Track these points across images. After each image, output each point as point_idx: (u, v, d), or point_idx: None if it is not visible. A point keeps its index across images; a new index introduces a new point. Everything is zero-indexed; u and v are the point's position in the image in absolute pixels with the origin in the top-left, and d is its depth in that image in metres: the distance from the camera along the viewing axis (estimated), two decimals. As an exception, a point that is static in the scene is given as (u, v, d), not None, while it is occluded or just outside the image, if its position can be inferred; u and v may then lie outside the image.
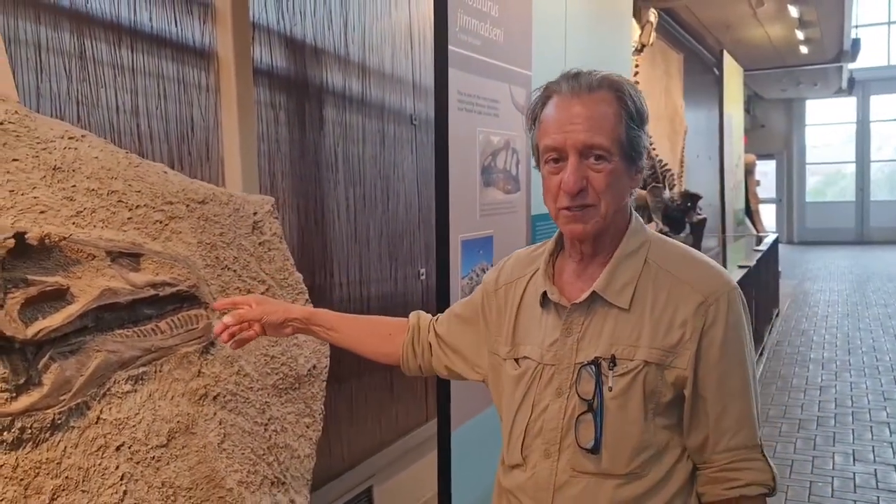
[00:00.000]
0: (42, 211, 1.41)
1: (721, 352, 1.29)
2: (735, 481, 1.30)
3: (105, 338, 1.45)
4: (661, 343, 1.29)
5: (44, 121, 1.50)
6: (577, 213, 1.29)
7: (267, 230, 1.89)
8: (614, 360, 1.29)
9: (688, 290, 1.30)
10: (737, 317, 1.31)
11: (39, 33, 1.84)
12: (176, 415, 1.55)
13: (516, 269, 1.50)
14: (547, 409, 1.34)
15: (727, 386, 1.29)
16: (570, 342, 1.33)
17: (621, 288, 1.32)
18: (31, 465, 1.29)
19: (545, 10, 2.95)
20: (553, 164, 1.31)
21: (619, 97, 1.30)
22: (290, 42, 2.71)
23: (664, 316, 1.30)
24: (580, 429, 1.30)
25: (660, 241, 1.38)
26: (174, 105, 2.22)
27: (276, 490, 1.75)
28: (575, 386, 1.31)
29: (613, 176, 1.29)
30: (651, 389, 1.29)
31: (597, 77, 1.31)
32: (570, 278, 1.38)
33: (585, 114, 1.28)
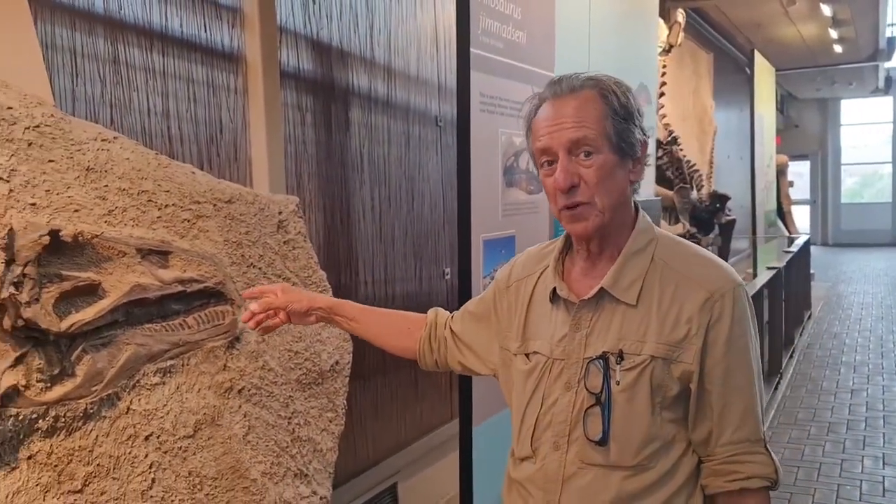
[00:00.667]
0: (76, 210, 1.47)
1: (726, 347, 1.31)
2: (737, 474, 1.32)
3: (135, 331, 1.51)
4: (668, 338, 1.31)
5: (78, 123, 1.56)
6: (576, 212, 1.32)
7: (291, 229, 1.95)
8: (622, 355, 1.32)
9: (694, 286, 1.33)
10: (741, 313, 1.33)
11: (75, 39, 1.91)
12: (202, 407, 1.61)
13: (527, 266, 1.53)
14: (556, 403, 1.37)
15: (731, 380, 1.32)
16: (578, 337, 1.36)
17: (629, 284, 1.35)
18: (65, 452, 1.35)
19: (569, 11, 2.97)
20: (548, 166, 1.34)
21: (602, 94, 1.33)
22: (316, 45, 2.76)
23: (671, 312, 1.32)
24: (588, 422, 1.33)
25: (667, 240, 1.41)
26: (203, 108, 2.29)
27: (299, 482, 1.80)
28: (584, 380, 1.34)
29: (604, 170, 1.31)
30: (658, 383, 1.32)
31: (579, 79, 1.35)
32: (578, 275, 1.41)
33: (569, 112, 1.31)
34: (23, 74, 1.54)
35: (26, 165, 1.41)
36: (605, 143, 1.31)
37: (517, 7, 2.56)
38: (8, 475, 1.27)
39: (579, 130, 1.30)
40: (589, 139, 1.30)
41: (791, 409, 5.28)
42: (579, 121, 1.30)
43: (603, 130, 1.31)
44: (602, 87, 1.33)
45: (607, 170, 1.31)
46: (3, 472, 1.26)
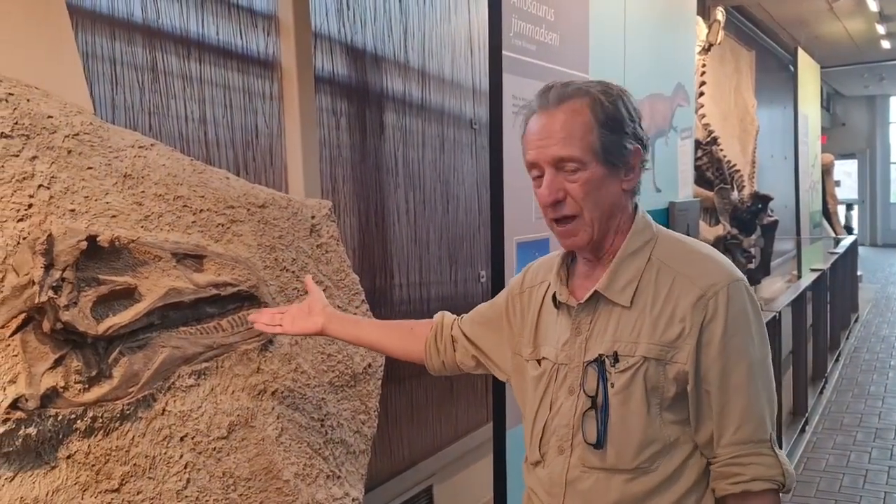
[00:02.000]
0: (113, 215, 1.50)
1: (721, 345, 1.29)
2: (739, 476, 1.29)
3: (170, 334, 1.54)
4: (661, 339, 1.30)
5: (116, 131, 1.60)
6: (567, 227, 1.32)
7: (324, 233, 1.97)
8: (616, 357, 1.31)
9: (688, 284, 1.31)
10: (738, 310, 1.30)
11: (114, 48, 1.96)
12: (236, 409, 1.63)
13: (539, 273, 1.53)
14: (561, 408, 1.38)
15: (729, 380, 1.29)
16: (579, 341, 1.37)
17: (623, 286, 1.34)
18: (102, 451, 1.38)
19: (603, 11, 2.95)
20: (536, 179, 1.34)
21: (590, 106, 1.30)
22: (350, 50, 2.79)
23: (664, 311, 1.31)
24: (586, 425, 1.33)
25: (667, 238, 1.40)
26: (240, 114, 2.32)
27: (331, 483, 1.82)
28: (583, 384, 1.34)
29: (591, 184, 1.30)
30: (652, 385, 1.31)
31: (568, 89, 1.33)
32: (579, 280, 1.42)
33: (553, 127, 1.29)
34: (63, 84, 1.59)
35: (66, 172, 1.45)
36: (592, 158, 1.30)
37: (550, 9, 2.56)
38: (48, 474, 1.30)
39: (564, 148, 1.28)
40: (575, 157, 1.29)
41: (836, 415, 5.15)
42: (565, 137, 1.29)
43: (589, 146, 1.29)
44: (590, 97, 1.31)
45: (594, 184, 1.30)
46: (44, 470, 1.30)
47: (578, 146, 1.28)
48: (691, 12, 4.04)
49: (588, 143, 1.29)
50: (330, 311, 1.65)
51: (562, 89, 1.33)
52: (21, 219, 1.35)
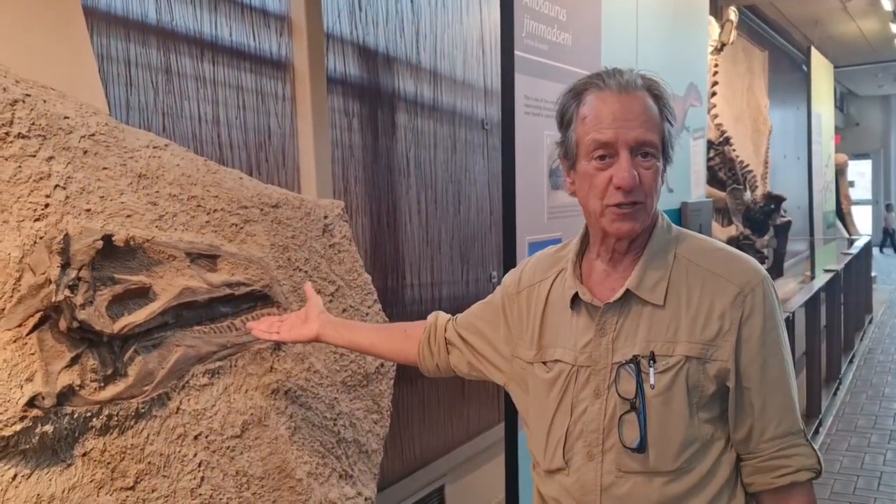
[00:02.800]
0: (128, 215, 1.52)
1: (760, 341, 1.29)
2: (785, 468, 1.30)
3: (184, 333, 1.55)
4: (700, 337, 1.28)
5: (131, 132, 1.61)
6: (629, 211, 1.28)
7: (337, 233, 1.97)
8: (654, 358, 1.28)
9: (722, 282, 1.30)
10: (772, 306, 1.31)
11: (129, 50, 1.97)
12: (249, 407, 1.64)
13: (538, 272, 1.49)
14: (586, 412, 1.33)
15: (769, 375, 1.30)
16: (605, 342, 1.33)
17: (654, 284, 1.32)
18: (117, 449, 1.39)
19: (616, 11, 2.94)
20: (599, 160, 1.29)
21: (659, 96, 1.31)
22: (362, 51, 2.79)
23: (701, 309, 1.29)
24: (624, 428, 1.29)
25: (687, 236, 1.39)
26: (252, 114, 2.33)
27: (344, 483, 1.82)
28: (614, 386, 1.30)
29: (658, 173, 1.30)
30: (693, 384, 1.29)
31: (639, 75, 1.31)
32: (599, 278, 1.37)
33: (637, 110, 1.27)
34: (79, 85, 1.60)
35: (82, 172, 1.46)
36: (661, 149, 1.30)
37: (562, 9, 2.56)
38: (64, 471, 1.32)
39: (648, 133, 1.27)
40: (654, 143, 1.28)
41: (850, 417, 5.12)
42: (647, 121, 1.28)
43: (662, 134, 1.30)
44: (659, 90, 1.32)
45: (659, 173, 1.31)
46: (60, 468, 1.31)
47: (657, 133, 1.29)
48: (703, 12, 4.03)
49: (661, 130, 1.30)
50: (325, 317, 1.63)
51: (633, 75, 1.31)
52: (38, 218, 1.37)
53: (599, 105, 1.29)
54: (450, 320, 1.63)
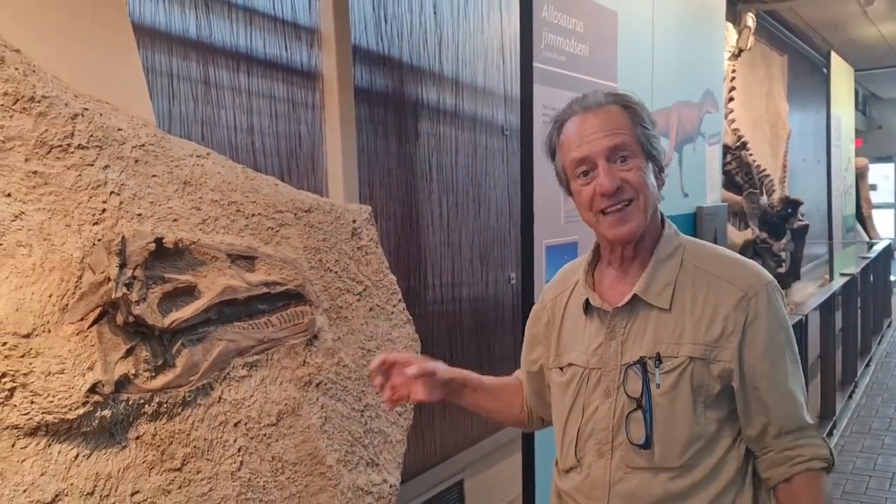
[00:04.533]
0: (175, 219, 1.65)
1: (766, 343, 1.35)
2: (799, 457, 1.36)
3: (226, 329, 1.68)
4: (704, 338, 1.35)
5: (176, 142, 1.74)
6: (620, 215, 1.36)
7: (364, 236, 2.09)
8: (659, 359, 1.35)
9: (726, 286, 1.37)
10: (776, 308, 1.37)
11: (171, 64, 2.10)
12: (284, 398, 1.77)
13: (557, 285, 1.58)
14: (597, 411, 1.40)
15: (777, 375, 1.36)
16: (614, 345, 1.40)
17: (661, 289, 1.38)
18: (167, 434, 1.52)
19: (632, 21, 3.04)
20: (583, 177, 1.38)
21: (626, 106, 1.40)
22: (388, 61, 2.91)
23: (705, 312, 1.36)
24: (631, 426, 1.36)
25: (694, 244, 1.46)
26: (284, 123, 2.46)
27: (370, 470, 1.94)
28: (623, 386, 1.37)
29: (643, 171, 1.37)
30: (698, 383, 1.35)
31: (603, 94, 1.43)
32: (610, 284, 1.45)
33: (601, 122, 1.37)
34: (130, 98, 1.73)
35: (134, 180, 1.59)
36: (639, 149, 1.38)
37: (579, 21, 2.66)
38: (119, 452, 1.45)
39: (616, 137, 1.36)
40: (626, 144, 1.36)
41: (865, 419, 5.17)
42: (613, 128, 1.36)
43: (636, 137, 1.38)
44: (626, 100, 1.41)
45: (646, 171, 1.38)
46: (116, 449, 1.44)
47: (628, 135, 1.37)
48: (719, 19, 4.11)
49: (634, 135, 1.38)
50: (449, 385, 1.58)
51: (598, 95, 1.42)
52: (96, 222, 1.50)
53: (570, 129, 1.40)
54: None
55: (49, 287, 1.39)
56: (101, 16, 1.70)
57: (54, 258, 1.41)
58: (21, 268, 1.37)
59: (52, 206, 1.45)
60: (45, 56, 1.55)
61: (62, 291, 1.40)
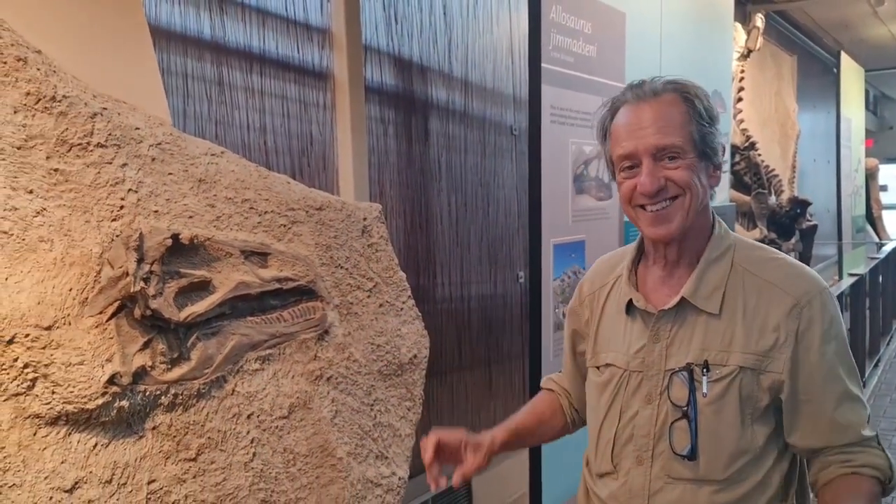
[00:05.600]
0: (190, 216, 1.69)
1: (821, 353, 1.28)
2: (851, 462, 1.29)
3: (239, 323, 1.72)
4: (755, 348, 1.28)
5: (191, 140, 1.78)
6: (661, 213, 1.29)
7: (375, 234, 2.13)
8: (707, 366, 1.28)
9: (778, 293, 1.29)
10: (831, 317, 1.30)
11: (186, 64, 2.15)
12: (296, 391, 1.81)
13: (597, 278, 1.52)
14: (637, 416, 1.34)
15: (833, 386, 1.28)
16: (658, 349, 1.33)
17: (710, 293, 1.31)
18: (182, 425, 1.56)
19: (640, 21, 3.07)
20: (627, 170, 1.32)
21: (686, 98, 1.32)
22: (398, 62, 2.95)
23: (755, 320, 1.29)
24: (674, 435, 1.30)
25: (745, 245, 1.38)
26: (296, 122, 2.50)
27: (379, 463, 1.98)
28: (666, 392, 1.31)
29: (692, 170, 1.29)
30: (747, 394, 1.28)
31: (661, 82, 1.34)
32: (655, 285, 1.38)
33: (653, 117, 1.29)
34: (147, 98, 1.77)
35: (150, 178, 1.64)
36: (692, 148, 1.30)
37: (587, 22, 2.69)
38: (136, 442, 1.49)
39: (666, 137, 1.28)
40: (676, 145, 1.28)
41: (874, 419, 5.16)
42: (665, 126, 1.28)
43: (688, 135, 1.29)
44: (686, 90, 1.32)
45: (694, 171, 1.30)
46: (133, 439, 1.48)
47: (679, 134, 1.28)
48: (728, 20, 4.12)
49: (688, 132, 1.29)
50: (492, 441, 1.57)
51: (655, 83, 1.33)
52: (114, 219, 1.54)
53: (621, 118, 1.33)
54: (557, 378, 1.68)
55: (69, 281, 1.44)
56: (118, 18, 1.74)
57: (74, 253, 1.46)
58: (42, 262, 1.42)
59: (72, 202, 1.49)
60: (65, 57, 1.60)
61: (82, 285, 1.45)
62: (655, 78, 1.35)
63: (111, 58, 1.73)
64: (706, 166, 1.32)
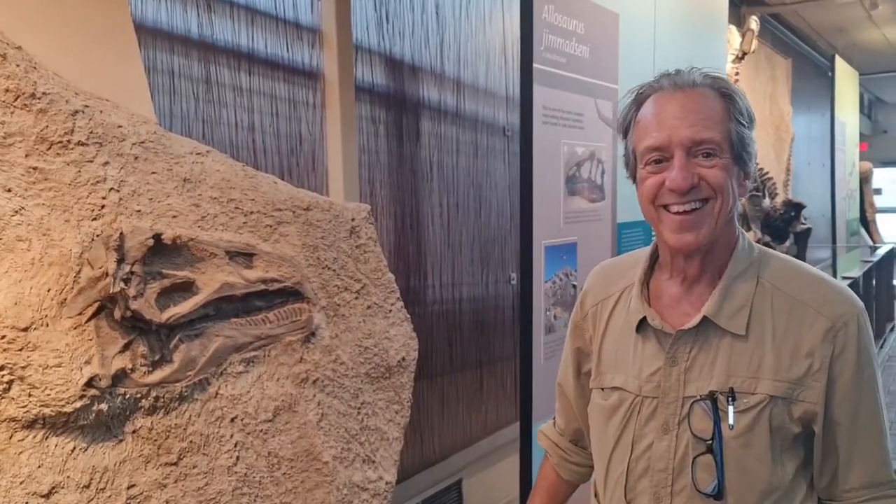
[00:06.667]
0: (174, 216, 1.66)
1: (854, 381, 1.16)
2: None
3: (223, 325, 1.69)
4: (787, 375, 1.16)
5: (176, 139, 1.75)
6: (689, 217, 1.16)
7: (363, 234, 2.10)
8: (733, 394, 1.16)
9: (812, 313, 1.17)
10: (867, 341, 1.18)
11: (173, 62, 2.12)
12: (281, 394, 1.78)
13: (600, 289, 1.37)
14: (652, 447, 1.22)
15: (860, 418, 1.17)
16: (675, 373, 1.20)
17: (735, 312, 1.18)
18: (163, 428, 1.53)
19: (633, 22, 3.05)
20: (654, 164, 1.19)
21: (726, 94, 1.20)
22: (389, 61, 2.93)
23: (786, 343, 1.17)
24: (698, 471, 1.17)
25: (772, 258, 1.26)
26: (285, 122, 2.48)
27: (366, 467, 1.95)
28: (687, 422, 1.19)
29: (727, 172, 1.17)
30: (777, 425, 1.16)
31: (700, 73, 1.22)
32: (671, 301, 1.25)
33: (691, 107, 1.17)
34: (130, 96, 1.74)
35: (133, 177, 1.61)
36: (728, 147, 1.18)
37: (580, 23, 2.67)
38: (116, 446, 1.46)
39: (704, 130, 1.15)
40: (714, 140, 1.16)
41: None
42: (704, 119, 1.16)
43: (727, 133, 1.17)
44: (726, 87, 1.21)
45: (728, 173, 1.17)
46: (112, 442, 1.45)
47: (719, 130, 1.16)
48: (722, 22, 4.11)
49: (727, 129, 1.17)
50: None
51: (693, 73, 1.22)
52: (95, 218, 1.51)
53: (653, 108, 1.20)
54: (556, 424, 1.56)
55: (48, 281, 1.41)
56: (102, 14, 1.71)
57: (53, 253, 1.43)
58: (20, 262, 1.39)
59: (51, 201, 1.46)
60: (47, 53, 1.57)
61: (61, 286, 1.42)
62: (692, 69, 1.23)
63: (95, 54, 1.70)
64: (738, 172, 1.20)
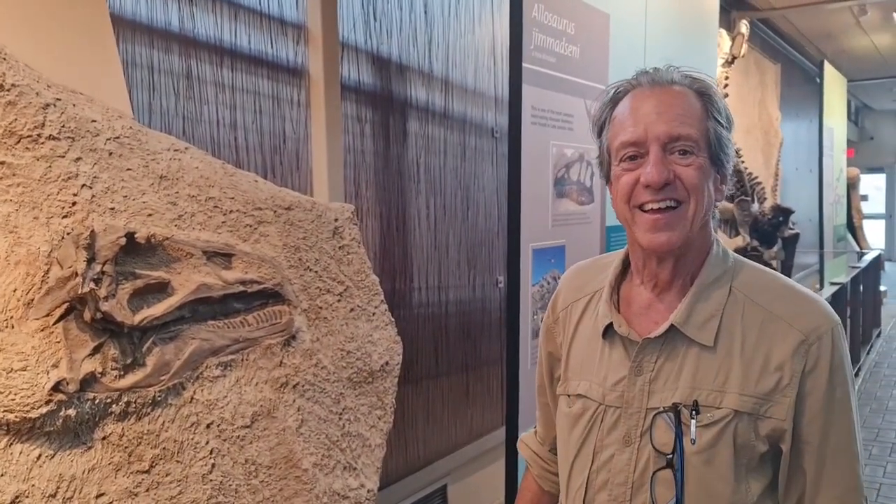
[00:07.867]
0: (149, 214, 1.60)
1: (825, 399, 1.11)
2: None
3: (199, 327, 1.63)
4: (755, 389, 1.11)
5: (153, 135, 1.70)
6: (662, 217, 1.12)
7: (346, 235, 2.05)
8: (697, 407, 1.12)
9: (784, 326, 1.13)
10: (841, 357, 1.13)
11: (153, 57, 2.06)
12: (259, 399, 1.72)
13: (571, 292, 1.34)
14: (613, 460, 1.18)
15: (830, 439, 1.12)
16: (640, 382, 1.17)
17: (704, 321, 1.15)
18: (135, 435, 1.47)
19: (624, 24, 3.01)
20: (629, 161, 1.15)
21: (704, 93, 1.18)
22: (376, 59, 2.88)
23: (756, 357, 1.12)
24: (657, 486, 1.13)
25: (746, 267, 1.22)
26: (268, 119, 2.42)
27: (347, 474, 1.90)
28: (649, 435, 1.15)
29: (703, 172, 1.13)
30: (742, 443, 1.12)
31: (678, 72, 1.19)
32: (640, 309, 1.21)
33: (669, 103, 1.14)
34: (106, 90, 1.69)
35: (107, 173, 1.55)
36: (705, 146, 1.14)
37: (570, 22, 2.63)
38: (85, 453, 1.40)
39: (682, 126, 1.12)
40: (692, 137, 1.13)
41: (854, 429, 5.16)
42: (682, 115, 1.13)
43: (705, 132, 1.14)
44: (704, 87, 1.18)
45: (705, 174, 1.14)
46: (81, 450, 1.40)
47: (696, 128, 1.13)
48: (713, 26, 4.09)
49: (705, 127, 1.14)
50: None
51: (671, 72, 1.19)
52: (66, 215, 1.45)
53: (629, 104, 1.17)
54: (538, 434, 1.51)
55: (14, 281, 1.35)
56: (76, 4, 1.65)
57: (20, 251, 1.37)
58: (-15, 261, 1.33)
59: (19, 197, 1.40)
60: (18, 45, 1.51)
61: (27, 286, 1.36)
62: (670, 67, 1.21)
63: (68, 46, 1.65)
64: (714, 175, 1.17)
